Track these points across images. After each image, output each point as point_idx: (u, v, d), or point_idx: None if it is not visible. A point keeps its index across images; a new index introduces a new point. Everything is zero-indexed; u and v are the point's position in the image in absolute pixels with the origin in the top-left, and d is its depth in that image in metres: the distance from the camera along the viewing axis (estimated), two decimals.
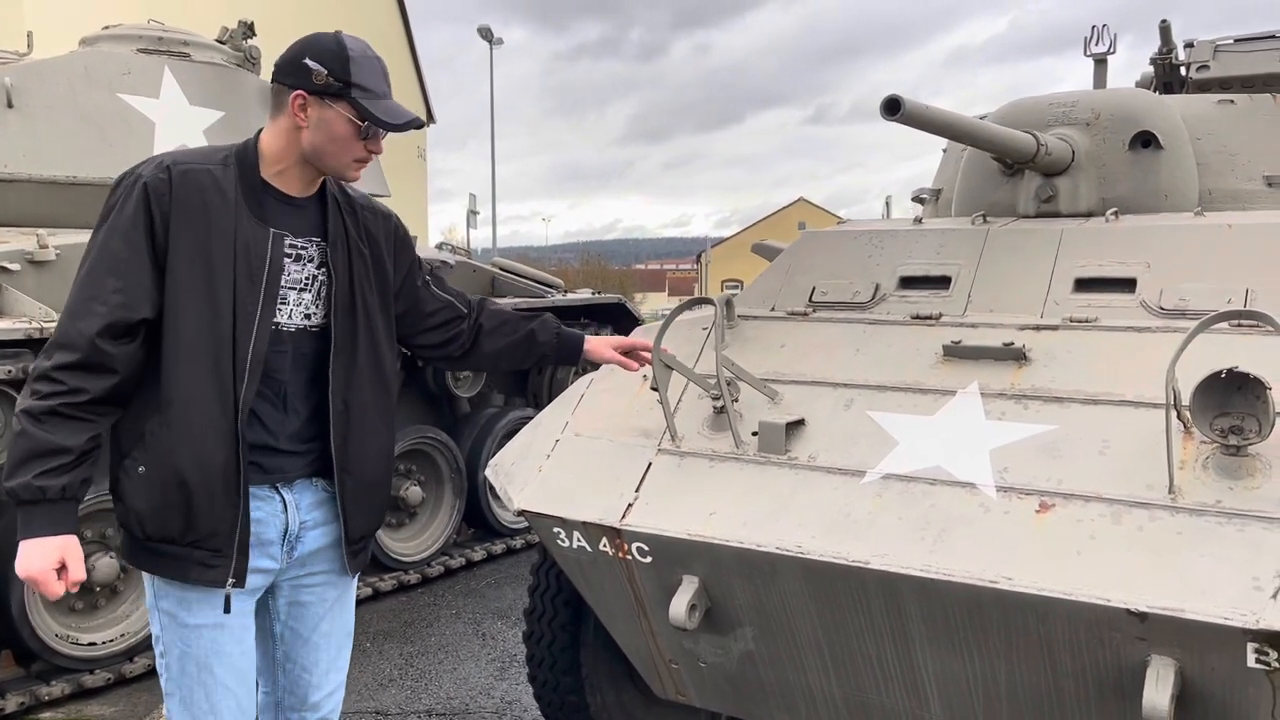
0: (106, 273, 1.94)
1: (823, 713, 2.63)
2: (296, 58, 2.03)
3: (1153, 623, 1.96)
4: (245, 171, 2.05)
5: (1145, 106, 3.34)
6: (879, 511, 2.36)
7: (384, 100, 2.06)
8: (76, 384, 1.89)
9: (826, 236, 3.32)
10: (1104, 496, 2.17)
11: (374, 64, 2.06)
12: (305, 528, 2.15)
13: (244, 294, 2.00)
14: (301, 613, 2.21)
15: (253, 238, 2.02)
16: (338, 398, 2.12)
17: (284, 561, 2.13)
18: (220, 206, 2.00)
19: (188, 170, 2.00)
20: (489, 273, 6.45)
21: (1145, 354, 2.45)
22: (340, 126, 2.03)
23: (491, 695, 4.12)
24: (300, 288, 2.10)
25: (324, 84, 2.00)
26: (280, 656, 2.24)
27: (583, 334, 2.58)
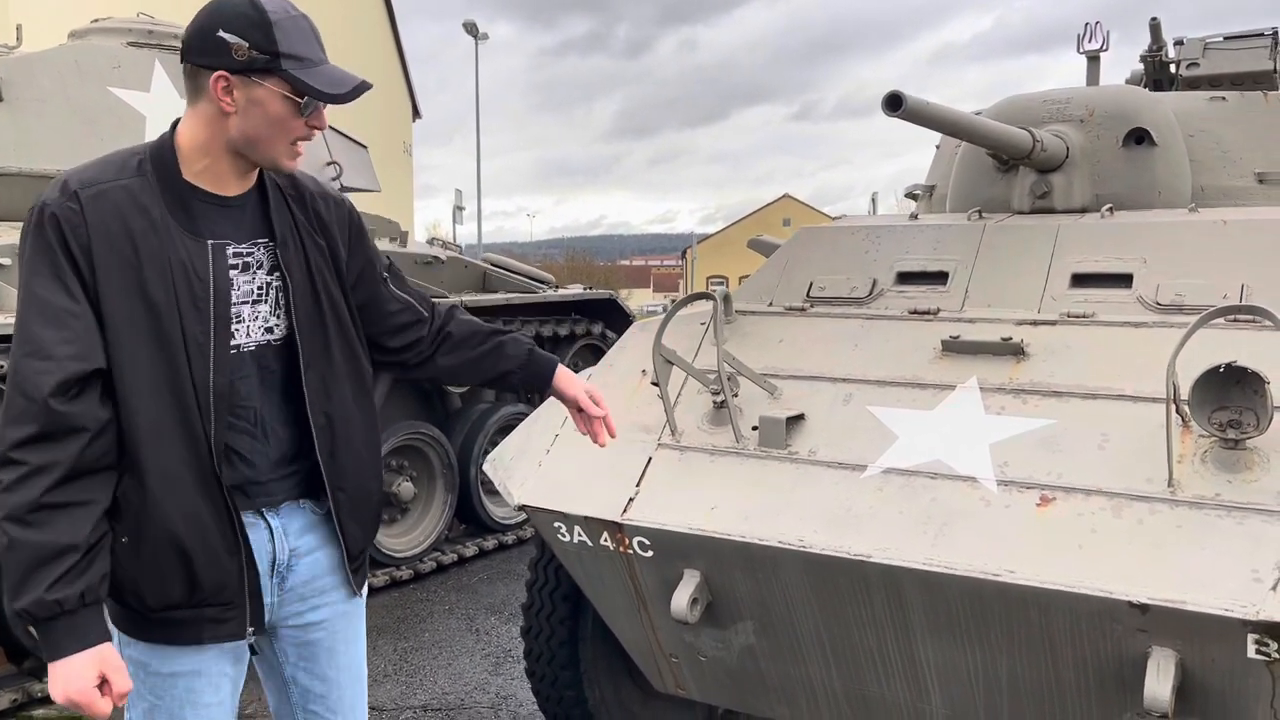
0: (45, 325, 1.64)
1: (823, 706, 2.64)
2: (207, 31, 1.69)
3: (1154, 615, 1.98)
4: (165, 178, 1.74)
5: (1138, 103, 3.37)
6: (880, 505, 2.37)
7: (321, 67, 1.74)
8: (42, 460, 1.60)
9: (823, 232, 3.33)
10: (1104, 490, 2.19)
11: (300, 24, 1.73)
12: (296, 555, 1.90)
13: (191, 323, 1.72)
14: (313, 651, 1.97)
15: (189, 255, 1.73)
16: (318, 412, 1.87)
17: (275, 595, 1.89)
18: (145, 227, 1.70)
19: (99, 192, 1.69)
20: (480, 268, 6.44)
21: (1142, 349, 2.47)
22: (275, 106, 1.71)
23: (486, 690, 4.12)
24: (254, 299, 1.82)
25: (247, 59, 1.68)
26: (297, 699, 2.01)
27: (556, 360, 2.25)
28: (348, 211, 2.02)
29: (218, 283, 1.75)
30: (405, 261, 5.81)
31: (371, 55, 24.62)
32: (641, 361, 3.01)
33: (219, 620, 1.80)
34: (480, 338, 2.16)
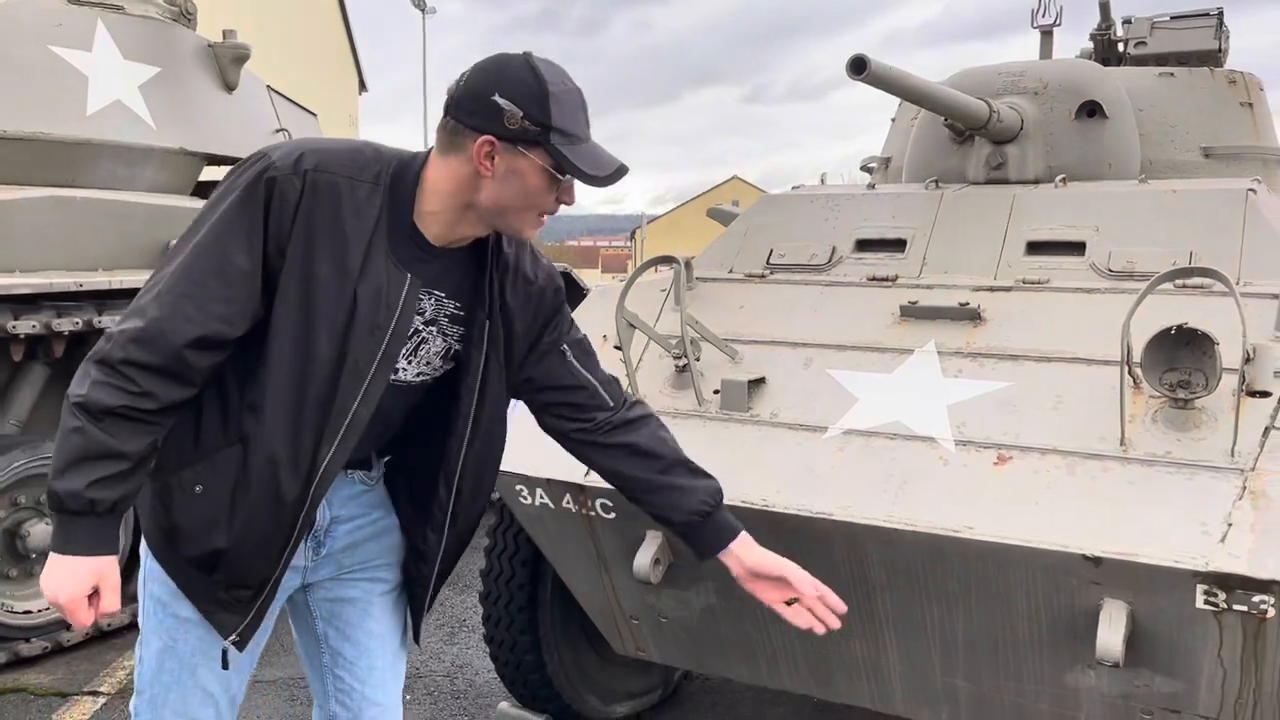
0: (215, 276, 1.62)
1: (782, 665, 2.68)
2: (483, 93, 1.63)
3: (1107, 567, 2.03)
4: (397, 202, 1.70)
5: (1091, 77, 3.43)
6: (841, 465, 2.40)
7: (585, 145, 1.68)
8: (149, 388, 1.60)
9: (783, 200, 3.35)
10: (1059, 449, 2.24)
11: (575, 98, 1.68)
12: (336, 522, 1.89)
13: (359, 345, 1.68)
14: (346, 610, 1.96)
15: (388, 280, 1.69)
16: (462, 480, 1.88)
17: (309, 559, 1.88)
18: (352, 233, 1.66)
19: (329, 181, 1.66)
20: None
21: (1095, 313, 2.52)
22: (534, 179, 1.67)
23: (442, 659, 4.11)
24: (408, 351, 1.79)
25: (519, 129, 1.63)
26: (327, 661, 1.99)
27: (740, 529, 2.01)
28: (548, 289, 1.93)
29: (402, 317, 1.72)
30: None
31: (317, 25, 24.17)
32: (603, 326, 3.01)
33: (222, 606, 1.78)
34: (664, 465, 1.99)
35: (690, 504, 1.98)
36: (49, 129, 4.45)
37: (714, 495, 2.01)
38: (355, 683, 1.97)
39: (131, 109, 4.75)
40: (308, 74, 18.09)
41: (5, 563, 4.05)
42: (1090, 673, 2.22)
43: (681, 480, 2.00)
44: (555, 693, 3.24)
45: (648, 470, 1.99)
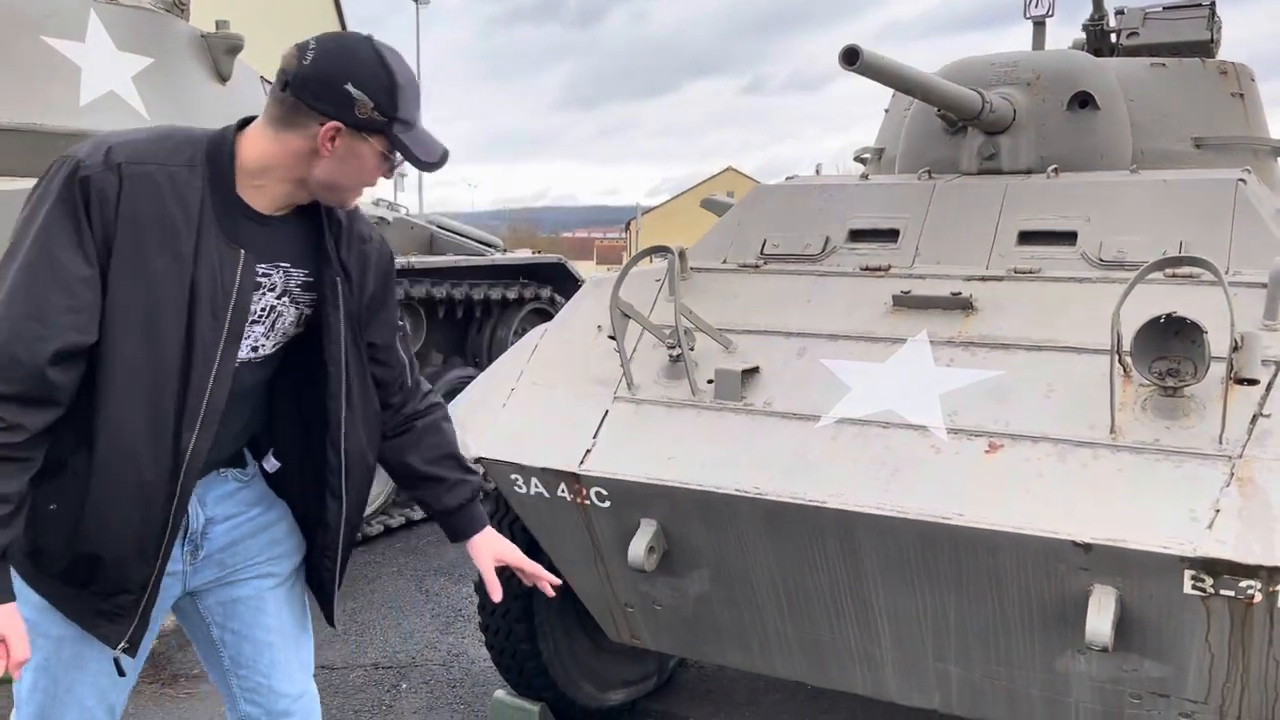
0: (52, 286, 1.58)
1: (775, 651, 2.70)
2: (335, 81, 1.66)
3: (1097, 553, 2.05)
4: (217, 180, 1.70)
5: (1083, 68, 3.44)
6: (834, 454, 2.42)
7: (417, 130, 1.76)
8: (15, 420, 1.56)
9: (777, 191, 3.36)
10: (1050, 437, 2.26)
11: (414, 88, 1.74)
12: (212, 523, 1.87)
13: (204, 329, 1.68)
14: (238, 610, 1.94)
15: (221, 262, 1.69)
16: (338, 452, 1.85)
17: (186, 563, 1.85)
18: (180, 221, 1.66)
19: (144, 173, 1.64)
20: (427, 230, 6.37)
21: (1086, 303, 2.54)
22: (371, 161, 1.73)
23: (437, 648, 4.13)
24: (253, 319, 1.78)
25: (368, 118, 1.67)
26: (229, 664, 1.98)
27: (486, 524, 2.10)
28: (380, 250, 1.97)
29: (240, 296, 1.72)
30: None
31: (309, 15, 24.08)
32: (597, 316, 3.03)
33: (106, 617, 1.75)
34: (438, 456, 2.04)
35: (456, 499, 2.03)
36: (42, 120, 4.44)
37: (476, 490, 2.08)
38: (261, 679, 1.96)
39: (125, 100, 4.74)
40: None
41: None
42: (1080, 658, 2.24)
43: (453, 474, 2.04)
44: (550, 681, 3.26)
45: (425, 462, 2.02)
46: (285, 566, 1.96)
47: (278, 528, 1.95)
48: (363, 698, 3.70)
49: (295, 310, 1.84)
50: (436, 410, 2.07)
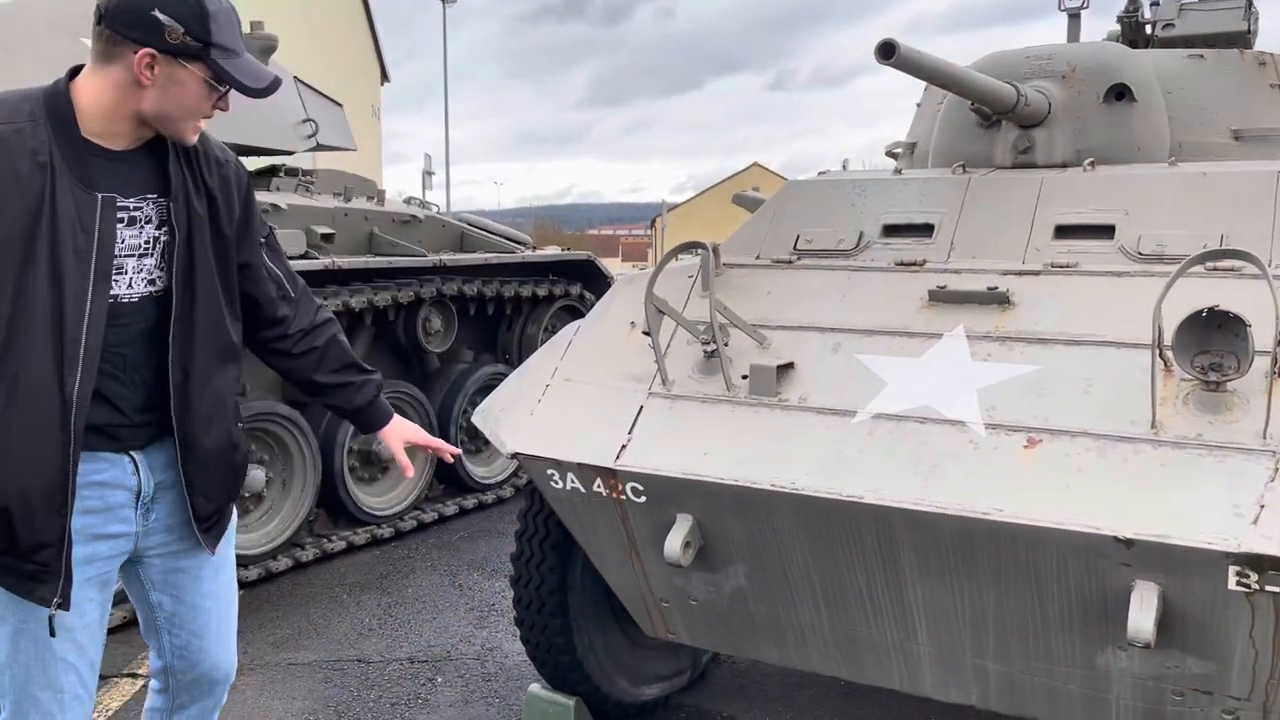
0: None
1: (812, 647, 2.70)
2: (142, 7, 1.72)
3: (1139, 549, 2.04)
4: (61, 128, 1.76)
5: (1119, 60, 3.41)
6: (870, 449, 2.42)
7: (242, 59, 1.81)
8: None
9: (810, 185, 3.35)
10: (1090, 432, 2.25)
11: (231, 16, 1.80)
12: (161, 488, 1.98)
13: (71, 274, 1.75)
14: (180, 579, 2.06)
15: (78, 207, 1.76)
16: (177, 367, 1.91)
17: (139, 525, 1.96)
18: (32, 173, 1.72)
19: None
20: (458, 228, 6.41)
21: (1125, 297, 2.52)
22: (194, 88, 1.79)
23: (472, 643, 4.16)
24: (140, 253, 1.87)
25: (179, 43, 1.73)
26: (164, 623, 2.09)
27: (392, 414, 2.32)
28: (238, 171, 2.05)
29: (103, 237, 1.79)
30: (382, 220, 5.77)
31: (338, 15, 24.24)
32: (630, 313, 3.04)
33: (36, 579, 1.81)
34: (339, 365, 2.22)
35: (361, 399, 2.25)
36: None
37: (378, 388, 2.29)
38: (192, 638, 2.10)
39: None
40: (329, 64, 18.13)
41: None
42: (1121, 654, 2.23)
43: (357, 378, 2.25)
44: (585, 675, 3.27)
45: (327, 373, 2.21)
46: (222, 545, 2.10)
47: None
48: (399, 691, 3.73)
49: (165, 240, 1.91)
50: (330, 326, 2.23)
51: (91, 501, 1.88)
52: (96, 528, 1.90)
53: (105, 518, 1.91)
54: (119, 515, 1.93)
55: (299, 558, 5.02)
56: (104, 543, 1.92)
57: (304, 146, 6.01)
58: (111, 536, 1.93)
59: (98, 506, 1.89)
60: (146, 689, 2.25)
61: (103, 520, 1.91)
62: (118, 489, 1.92)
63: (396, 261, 5.44)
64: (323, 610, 4.52)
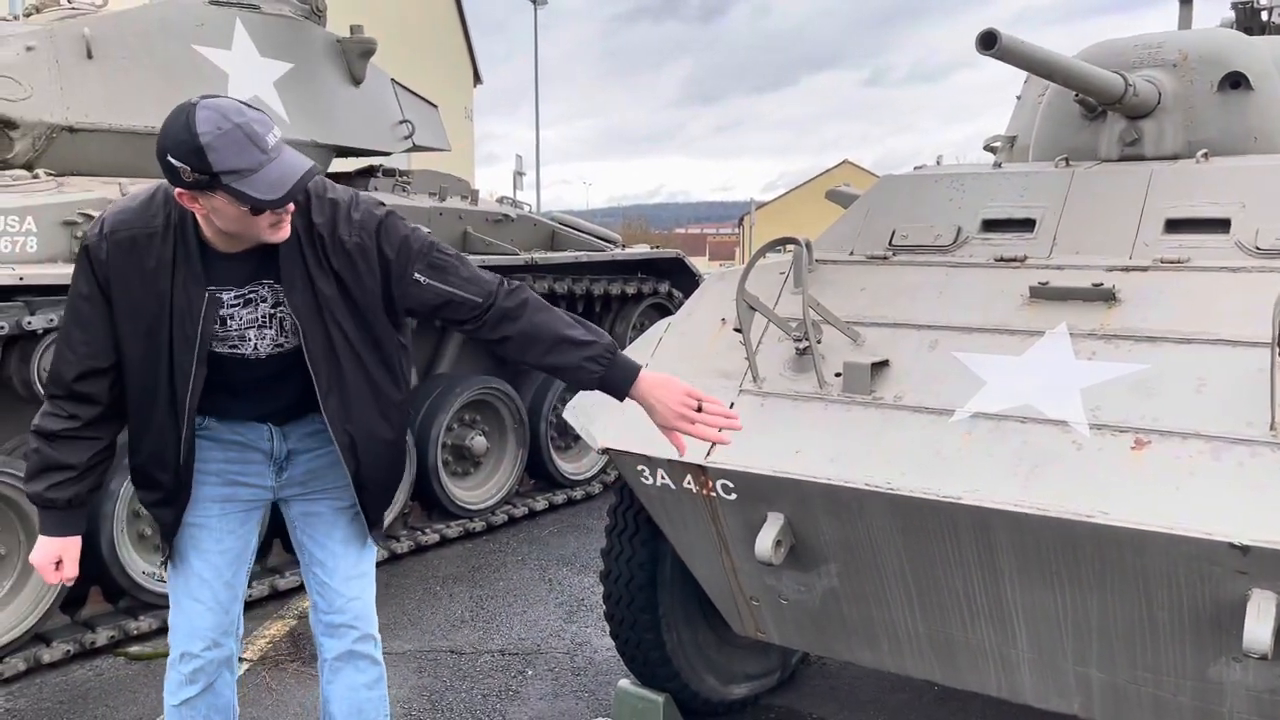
0: (74, 325, 2.13)
1: (906, 649, 2.65)
2: (161, 155, 1.94)
3: (1255, 556, 1.95)
4: (183, 233, 2.08)
5: (1235, 47, 3.26)
6: (969, 449, 2.36)
7: (259, 173, 1.91)
8: (71, 412, 2.14)
9: (905, 180, 3.29)
10: (1202, 433, 2.16)
11: (233, 136, 1.89)
12: (295, 453, 2.33)
13: (180, 352, 2.11)
14: (315, 521, 2.39)
15: (188, 301, 2.09)
16: (340, 432, 2.22)
17: (275, 480, 2.34)
18: (155, 269, 2.08)
19: (123, 239, 2.08)
20: (549, 227, 6.47)
21: (1240, 293, 2.42)
22: (231, 211, 1.97)
23: (561, 637, 4.20)
24: (259, 325, 2.17)
25: (193, 179, 1.91)
26: (306, 561, 2.42)
27: (639, 368, 2.25)
28: (367, 237, 2.17)
29: (205, 325, 2.11)
30: (475, 219, 5.86)
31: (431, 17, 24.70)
32: (721, 309, 3.02)
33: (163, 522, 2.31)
34: (547, 346, 2.24)
35: (586, 377, 2.24)
36: None
37: (601, 357, 2.22)
38: (327, 578, 2.39)
39: (267, 104, 4.96)
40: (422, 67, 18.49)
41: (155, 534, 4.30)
42: (1235, 665, 2.14)
43: (567, 357, 2.23)
44: (674, 672, 3.27)
45: (535, 354, 2.25)
46: (352, 495, 2.34)
47: None
48: (490, 682, 3.79)
49: (291, 320, 2.18)
50: (522, 311, 2.25)
51: (232, 453, 2.30)
52: (237, 475, 2.31)
53: (244, 469, 2.31)
54: (254, 468, 2.32)
55: (394, 550, 5.13)
56: (243, 488, 2.33)
57: (401, 147, 6.15)
58: (250, 485, 2.33)
59: (237, 459, 2.30)
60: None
61: (241, 471, 2.31)
62: (253, 450, 2.30)
63: (489, 259, 5.52)
64: (416, 601, 4.62)
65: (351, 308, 2.18)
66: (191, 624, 2.30)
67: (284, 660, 3.97)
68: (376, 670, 2.45)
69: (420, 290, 2.22)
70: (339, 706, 2.41)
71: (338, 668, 2.41)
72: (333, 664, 2.42)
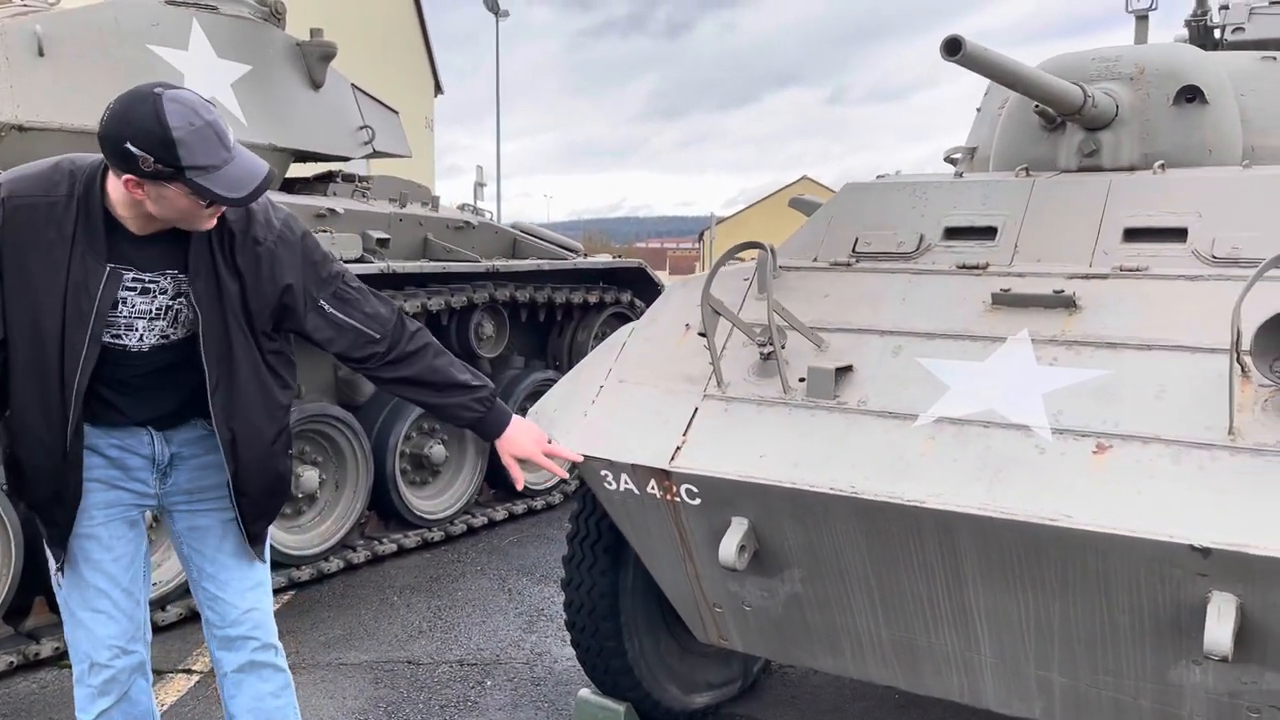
0: None
1: (869, 655, 2.64)
2: (116, 140, 1.88)
3: (1216, 558, 1.97)
4: (87, 208, 2.01)
5: (1190, 61, 3.32)
6: (933, 453, 2.36)
7: (223, 170, 1.92)
8: None
9: (869, 188, 3.31)
10: (1162, 438, 2.18)
11: (204, 133, 1.90)
12: (179, 459, 2.27)
13: (72, 328, 2.02)
14: (203, 535, 2.33)
15: (85, 276, 2.01)
16: (223, 428, 2.18)
17: (158, 487, 2.27)
18: (53, 242, 1.99)
19: (22, 205, 2.00)
20: (510, 235, 6.43)
21: (1198, 301, 2.45)
22: (181, 202, 1.96)
23: (521, 647, 4.14)
24: (151, 317, 2.12)
25: (153, 170, 1.88)
26: (195, 576, 2.36)
27: (510, 418, 2.47)
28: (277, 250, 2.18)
29: (101, 302, 2.03)
30: (436, 225, 5.80)
31: (393, 27, 24.57)
32: (685, 315, 3.02)
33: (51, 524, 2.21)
34: (438, 388, 2.36)
35: (468, 416, 2.41)
36: None
37: (487, 400, 2.42)
38: (219, 592, 2.33)
39: (225, 106, 4.88)
40: (383, 76, 18.35)
41: None
42: (1195, 669, 2.15)
43: (457, 399, 2.38)
44: (636, 680, 3.24)
45: (424, 395, 2.37)
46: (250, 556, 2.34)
47: None
48: (449, 693, 3.73)
49: (189, 311, 2.14)
50: (422, 356, 2.34)
51: (113, 456, 2.21)
52: (119, 481, 2.23)
53: (126, 474, 2.23)
54: (136, 475, 2.24)
55: (350, 559, 5.05)
56: (126, 493, 2.25)
57: (361, 153, 6.08)
58: (132, 491, 2.25)
59: (118, 463, 2.22)
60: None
61: (124, 476, 2.23)
62: (135, 455, 2.23)
63: (450, 267, 5.47)
64: (373, 612, 4.54)
65: (244, 308, 2.16)
66: (94, 635, 2.22)
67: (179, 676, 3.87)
68: (282, 677, 2.41)
69: (321, 317, 2.25)
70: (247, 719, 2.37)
71: (240, 680, 2.37)
72: (234, 677, 2.37)
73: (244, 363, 2.18)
